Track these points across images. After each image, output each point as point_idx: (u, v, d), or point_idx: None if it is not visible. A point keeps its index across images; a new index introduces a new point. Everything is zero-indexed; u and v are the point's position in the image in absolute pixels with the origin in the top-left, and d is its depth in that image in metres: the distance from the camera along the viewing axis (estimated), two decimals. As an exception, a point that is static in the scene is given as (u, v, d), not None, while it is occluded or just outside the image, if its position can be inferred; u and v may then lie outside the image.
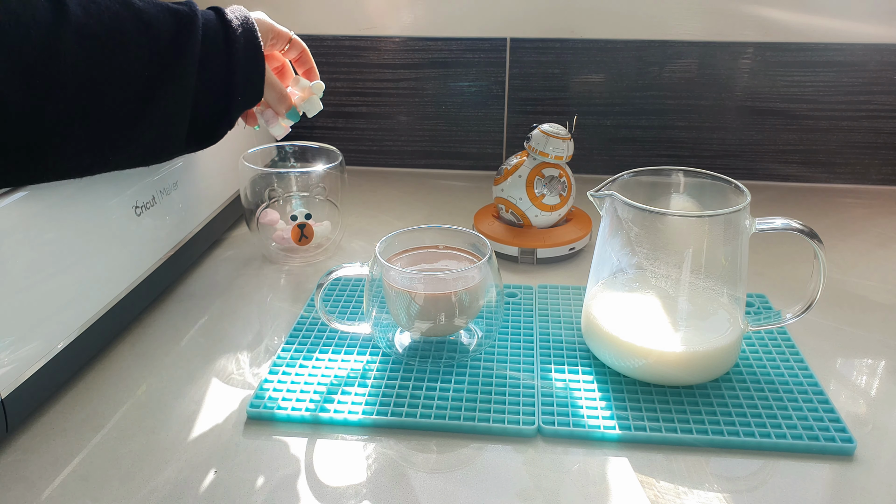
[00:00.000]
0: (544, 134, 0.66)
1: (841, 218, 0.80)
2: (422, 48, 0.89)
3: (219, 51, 0.51)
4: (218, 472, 0.41)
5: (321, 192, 0.67)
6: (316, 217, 0.67)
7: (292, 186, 0.66)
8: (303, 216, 0.66)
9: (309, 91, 0.62)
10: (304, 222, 0.66)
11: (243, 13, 0.54)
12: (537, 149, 0.66)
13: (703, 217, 0.45)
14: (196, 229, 0.65)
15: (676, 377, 0.47)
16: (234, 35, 0.51)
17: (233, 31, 0.51)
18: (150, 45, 0.46)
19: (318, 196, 0.67)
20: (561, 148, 0.66)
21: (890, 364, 0.52)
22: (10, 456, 0.43)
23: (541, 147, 0.66)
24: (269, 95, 0.57)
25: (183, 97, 0.49)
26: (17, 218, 0.43)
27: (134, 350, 0.54)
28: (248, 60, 0.53)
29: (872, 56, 0.82)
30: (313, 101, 0.62)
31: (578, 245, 0.69)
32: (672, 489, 0.40)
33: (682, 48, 0.85)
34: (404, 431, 0.45)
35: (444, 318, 0.49)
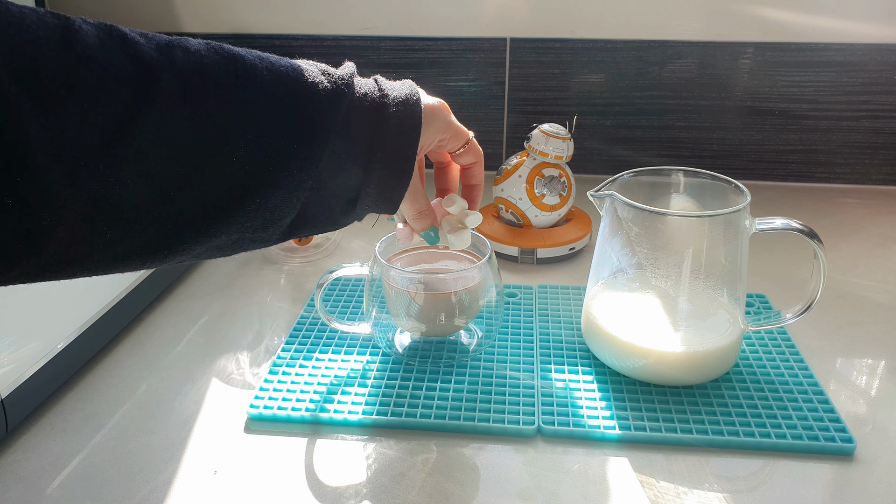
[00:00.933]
0: (544, 134, 0.66)
1: (841, 218, 0.79)
2: (422, 48, 0.89)
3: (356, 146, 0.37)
4: (218, 472, 0.41)
5: None
6: None
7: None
8: None
9: (461, 221, 0.46)
10: None
11: (410, 94, 0.40)
12: (537, 148, 0.66)
13: (703, 217, 0.45)
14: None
15: (676, 377, 0.47)
16: (386, 125, 0.38)
17: (385, 122, 0.38)
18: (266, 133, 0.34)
19: None
20: (561, 148, 0.66)
21: (890, 364, 0.52)
22: (10, 456, 0.43)
23: (541, 147, 0.66)
24: (407, 210, 0.43)
25: (285, 208, 0.37)
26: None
27: (134, 350, 0.54)
28: (391, 163, 0.39)
29: (872, 56, 0.82)
30: (463, 235, 0.46)
31: (578, 245, 0.69)
32: (672, 489, 0.40)
33: (682, 48, 0.85)
34: (404, 431, 0.45)
35: (444, 318, 0.49)
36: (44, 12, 0.29)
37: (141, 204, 0.31)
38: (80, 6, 0.89)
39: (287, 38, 0.89)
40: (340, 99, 0.37)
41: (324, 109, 0.36)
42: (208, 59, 0.33)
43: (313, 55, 0.90)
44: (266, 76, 0.35)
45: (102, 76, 0.29)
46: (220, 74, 0.33)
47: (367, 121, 0.38)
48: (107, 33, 0.30)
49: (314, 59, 0.42)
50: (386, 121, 0.38)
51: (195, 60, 0.32)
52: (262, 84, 0.34)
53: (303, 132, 0.35)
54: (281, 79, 0.35)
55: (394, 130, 0.38)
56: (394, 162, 0.39)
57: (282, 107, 0.35)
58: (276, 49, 0.58)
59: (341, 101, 0.37)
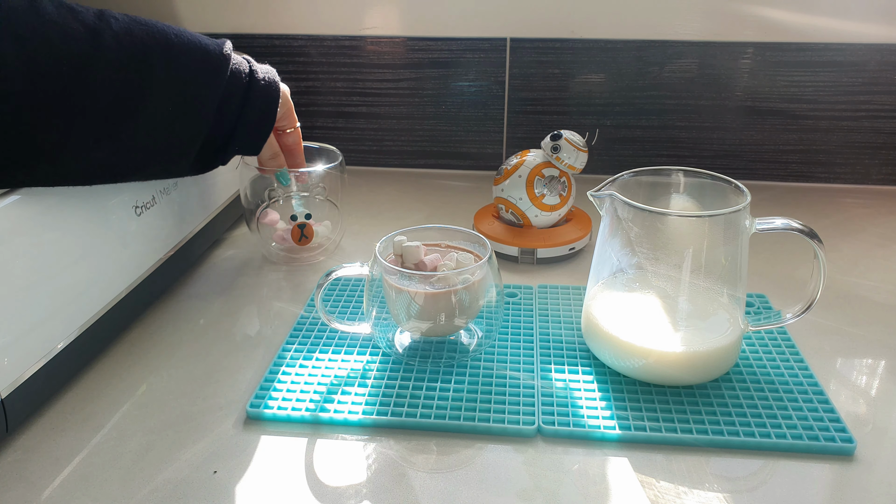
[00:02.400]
0: (574, 147, 0.66)
1: (841, 218, 0.80)
2: (422, 48, 0.89)
3: (236, 101, 0.53)
4: (218, 472, 0.41)
5: (321, 192, 0.67)
6: (316, 217, 0.67)
7: (292, 186, 0.66)
8: (303, 216, 0.66)
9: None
10: (304, 222, 0.66)
11: (273, 77, 0.57)
12: (566, 161, 0.66)
13: (703, 217, 0.45)
14: (196, 229, 0.65)
15: (676, 377, 0.47)
16: (256, 91, 0.54)
17: (256, 90, 0.54)
18: (175, 82, 0.48)
19: (318, 196, 0.67)
20: (583, 161, 0.67)
21: (890, 364, 0.52)
22: (10, 456, 0.43)
23: (570, 160, 0.66)
24: (265, 153, 0.60)
25: (197, 132, 0.51)
26: (17, 218, 0.43)
27: (134, 350, 0.54)
28: (259, 119, 0.55)
29: (872, 56, 0.83)
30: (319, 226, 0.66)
31: (578, 245, 0.69)
32: (672, 489, 0.40)
33: (682, 48, 0.85)
34: (404, 431, 0.45)
35: (444, 317, 0.49)
36: None
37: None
38: (80, 6, 0.90)
39: (287, 38, 0.89)
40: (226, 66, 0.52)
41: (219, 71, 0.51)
42: (133, 26, 0.46)
43: (313, 55, 0.90)
44: (174, 41, 0.48)
45: (60, 34, 0.41)
46: (145, 38, 0.46)
47: (241, 85, 0.54)
48: (58, 3, 0.42)
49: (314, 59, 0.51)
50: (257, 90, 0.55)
51: (124, 27, 0.45)
52: (172, 46, 0.48)
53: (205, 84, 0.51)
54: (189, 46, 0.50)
55: (260, 97, 0.55)
56: (263, 112, 0.55)
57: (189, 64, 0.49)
58: (276, 49, 0.58)
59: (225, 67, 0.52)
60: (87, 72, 0.43)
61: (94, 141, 0.45)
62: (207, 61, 0.50)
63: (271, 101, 0.56)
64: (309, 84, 0.92)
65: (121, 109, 0.45)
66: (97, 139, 0.45)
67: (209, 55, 0.51)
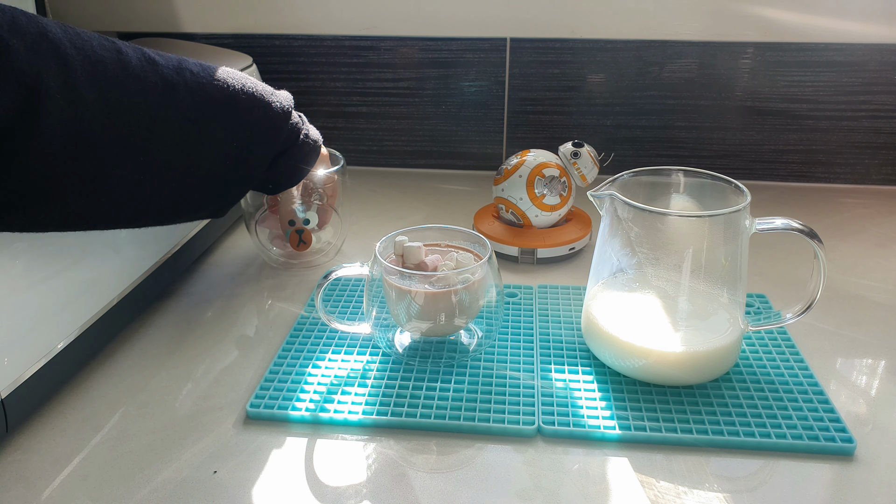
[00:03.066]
0: (591, 158, 0.68)
1: (841, 218, 0.80)
2: (422, 48, 0.89)
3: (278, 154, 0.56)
4: (218, 472, 0.41)
5: (320, 198, 0.66)
6: (314, 223, 0.66)
7: (291, 191, 0.66)
8: (301, 222, 0.65)
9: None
10: (303, 228, 0.65)
11: (318, 139, 0.60)
12: (583, 172, 0.68)
13: (703, 217, 0.45)
14: (196, 229, 0.65)
15: (676, 377, 0.47)
16: (301, 148, 0.57)
17: (301, 147, 0.57)
18: (238, 137, 0.51)
19: (317, 201, 0.66)
20: (594, 175, 0.68)
21: (890, 364, 0.52)
22: (10, 456, 0.43)
23: (586, 171, 0.68)
24: (280, 210, 0.64)
25: (246, 185, 0.55)
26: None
27: (134, 350, 0.54)
28: (289, 173, 0.58)
29: (872, 56, 0.82)
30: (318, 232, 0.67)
31: (578, 245, 0.69)
32: (672, 489, 0.40)
33: (682, 48, 0.85)
34: (404, 431, 0.45)
35: (444, 317, 0.49)
36: (101, 39, 0.43)
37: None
38: (83, 7, 0.89)
39: (287, 38, 0.89)
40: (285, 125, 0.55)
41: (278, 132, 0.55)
42: (207, 81, 0.49)
43: (313, 55, 0.90)
44: (242, 97, 0.51)
45: (141, 88, 0.44)
46: (217, 94, 0.49)
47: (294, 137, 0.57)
48: (140, 55, 0.45)
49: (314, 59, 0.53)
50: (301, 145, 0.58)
51: (199, 81, 0.48)
52: (239, 102, 0.51)
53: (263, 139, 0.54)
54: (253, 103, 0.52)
55: (306, 148, 0.58)
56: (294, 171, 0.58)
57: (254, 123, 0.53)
58: (276, 49, 0.58)
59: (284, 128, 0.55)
60: (160, 125, 0.45)
61: (152, 187, 0.46)
62: (270, 120, 0.53)
63: (312, 155, 0.59)
64: (309, 84, 0.92)
65: (185, 159, 0.48)
66: (155, 186, 0.47)
67: (271, 115, 0.53)
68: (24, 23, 0.38)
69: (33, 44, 0.38)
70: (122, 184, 0.44)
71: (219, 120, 0.50)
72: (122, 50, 0.44)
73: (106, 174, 0.43)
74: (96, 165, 0.42)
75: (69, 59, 0.40)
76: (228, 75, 0.51)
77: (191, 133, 0.48)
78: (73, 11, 0.89)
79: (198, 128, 0.48)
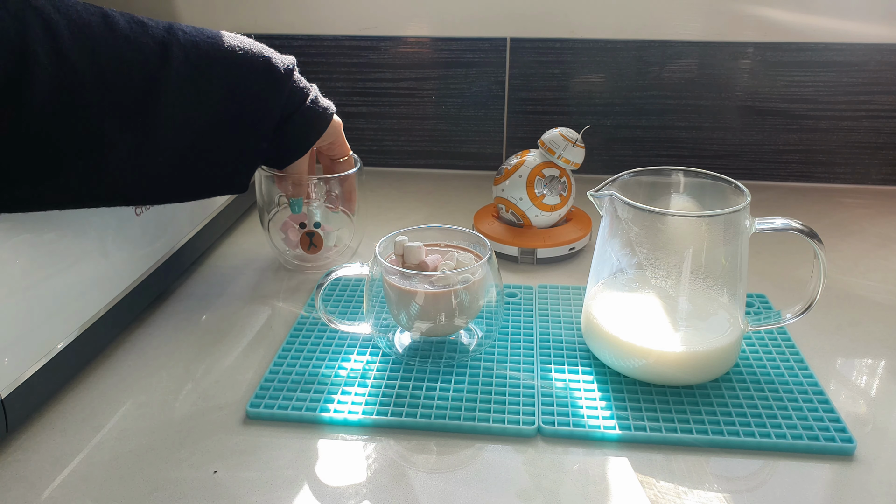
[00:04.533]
0: (564, 139, 0.67)
1: (841, 218, 0.80)
2: (422, 48, 0.89)
3: (287, 114, 0.54)
4: (218, 472, 0.41)
5: (333, 201, 0.65)
6: (327, 224, 0.65)
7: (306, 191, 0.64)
8: (312, 224, 0.64)
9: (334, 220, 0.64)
10: (314, 230, 0.64)
11: (328, 108, 0.57)
12: (557, 152, 0.67)
13: (703, 217, 0.45)
14: (196, 229, 0.65)
15: (676, 377, 0.47)
16: (306, 110, 0.55)
17: (307, 109, 0.55)
18: (237, 95, 0.49)
19: (328, 204, 0.65)
20: (580, 156, 0.67)
21: (890, 364, 0.52)
22: (10, 456, 0.43)
23: (570, 157, 0.67)
24: (288, 180, 0.60)
25: (253, 147, 0.52)
26: (17, 218, 0.43)
27: (134, 350, 0.54)
28: (296, 137, 0.56)
29: (872, 56, 0.83)
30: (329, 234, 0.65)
31: (578, 245, 0.69)
32: (672, 489, 0.40)
33: (682, 48, 0.85)
34: (404, 431, 0.45)
35: (444, 318, 0.49)
36: (85, 4, 0.42)
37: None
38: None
39: (287, 38, 0.89)
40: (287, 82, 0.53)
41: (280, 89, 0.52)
42: (201, 39, 0.48)
43: (313, 55, 0.90)
44: (238, 52, 0.50)
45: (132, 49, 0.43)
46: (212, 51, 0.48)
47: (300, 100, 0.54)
48: (128, 18, 0.44)
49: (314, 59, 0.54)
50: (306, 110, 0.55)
51: (192, 39, 0.47)
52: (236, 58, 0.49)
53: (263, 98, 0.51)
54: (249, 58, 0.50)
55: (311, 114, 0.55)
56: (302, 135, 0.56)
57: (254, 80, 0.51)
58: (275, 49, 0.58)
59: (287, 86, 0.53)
60: (157, 86, 0.44)
61: (152, 154, 0.46)
62: (271, 78, 0.51)
63: (320, 123, 0.56)
64: (309, 84, 0.92)
65: (185, 121, 0.47)
66: (156, 152, 0.46)
67: (272, 73, 0.51)
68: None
69: (17, 11, 0.37)
70: (120, 152, 0.43)
71: (216, 77, 0.48)
72: (109, 13, 0.43)
73: (103, 141, 0.42)
74: (92, 132, 0.41)
75: (54, 24, 0.39)
76: (224, 34, 0.50)
77: (188, 93, 0.46)
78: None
79: (195, 87, 0.47)
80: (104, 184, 0.44)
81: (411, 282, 0.48)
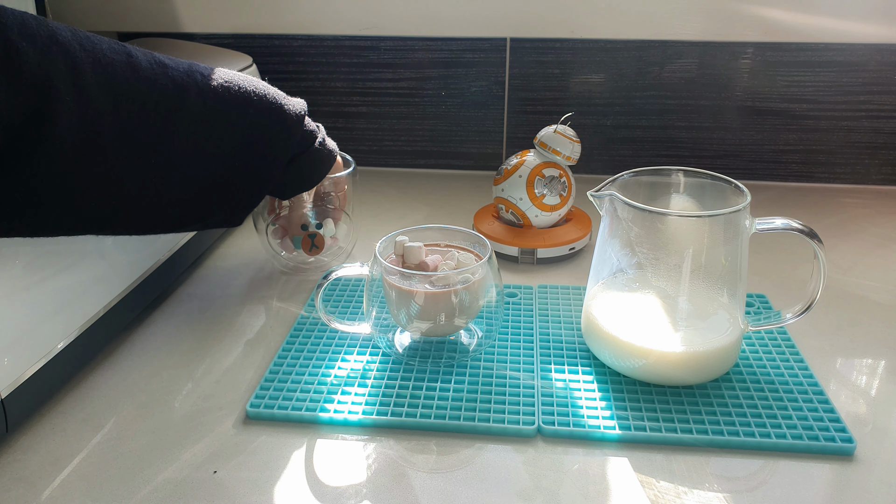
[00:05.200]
0: (565, 138, 0.67)
1: (841, 218, 0.80)
2: (422, 48, 0.89)
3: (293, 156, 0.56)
4: (218, 472, 0.41)
5: (332, 202, 0.65)
6: (326, 227, 0.65)
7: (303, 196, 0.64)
8: (313, 226, 0.64)
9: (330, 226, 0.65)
10: (315, 232, 0.64)
11: (334, 150, 0.60)
12: (563, 153, 0.67)
13: (703, 217, 0.45)
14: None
15: (676, 377, 0.47)
16: (315, 153, 0.57)
17: (315, 152, 0.57)
18: (248, 141, 0.51)
19: (328, 205, 0.65)
20: (577, 151, 0.67)
21: (890, 364, 0.52)
22: (10, 456, 0.43)
23: (567, 152, 0.67)
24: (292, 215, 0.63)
25: (262, 187, 0.54)
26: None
27: (134, 350, 0.54)
28: (302, 177, 0.58)
29: (872, 56, 0.83)
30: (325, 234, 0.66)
31: (578, 245, 0.69)
32: (672, 489, 0.40)
33: (682, 48, 0.85)
34: (404, 431, 0.45)
35: (444, 318, 0.49)
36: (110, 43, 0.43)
37: None
38: (82, 6, 0.89)
39: (287, 38, 0.89)
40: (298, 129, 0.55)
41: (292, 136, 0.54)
42: (218, 84, 0.49)
43: (313, 55, 0.90)
44: (254, 99, 0.51)
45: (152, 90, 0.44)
46: (228, 97, 0.49)
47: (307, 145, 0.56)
48: (150, 59, 0.45)
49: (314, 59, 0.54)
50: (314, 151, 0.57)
51: (209, 84, 0.48)
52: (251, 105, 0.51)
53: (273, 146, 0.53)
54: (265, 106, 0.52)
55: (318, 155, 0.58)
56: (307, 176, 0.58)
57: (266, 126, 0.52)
58: (276, 49, 0.58)
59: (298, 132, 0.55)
60: (171, 126, 0.45)
61: (164, 192, 0.47)
62: (282, 125, 0.53)
63: (326, 163, 0.58)
64: (309, 84, 0.92)
65: (195, 160, 0.48)
66: (168, 190, 0.47)
67: (284, 119, 0.53)
68: (34, 26, 0.38)
69: (43, 47, 0.38)
70: (134, 188, 0.44)
71: (231, 122, 0.49)
72: (132, 53, 0.44)
73: (118, 177, 0.43)
74: (109, 168, 0.42)
75: (79, 61, 0.40)
76: (240, 78, 0.51)
77: (202, 136, 0.48)
78: (73, 11, 0.89)
79: (209, 130, 0.48)
80: (114, 217, 0.45)
81: (411, 282, 0.48)
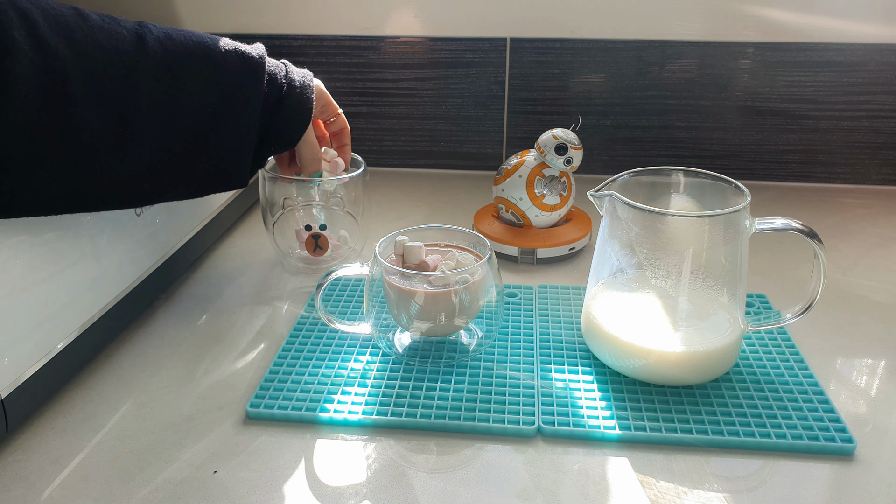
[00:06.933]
0: (576, 150, 0.66)
1: (841, 218, 0.80)
2: (422, 48, 0.89)
3: (274, 99, 0.54)
4: (218, 472, 0.41)
5: (339, 203, 0.64)
6: (332, 228, 0.65)
7: (312, 195, 0.64)
8: (317, 226, 0.64)
9: (334, 164, 0.63)
10: (319, 233, 0.64)
11: (307, 77, 0.57)
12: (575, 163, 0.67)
13: (703, 217, 0.45)
14: (196, 229, 0.65)
15: (676, 377, 0.47)
16: (293, 90, 0.55)
17: (292, 87, 0.55)
18: (217, 85, 0.49)
19: (334, 206, 0.65)
20: (579, 158, 0.67)
21: (890, 364, 0.52)
22: (10, 456, 0.43)
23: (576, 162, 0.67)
24: (304, 152, 0.59)
25: (242, 136, 0.52)
26: (18, 218, 0.43)
27: (134, 350, 0.54)
28: (296, 115, 0.55)
29: (872, 56, 0.83)
30: (336, 169, 0.64)
31: (578, 245, 0.69)
32: (672, 489, 0.40)
33: (682, 48, 0.85)
34: (404, 431, 0.45)
35: (444, 318, 0.49)
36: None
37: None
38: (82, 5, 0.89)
39: (287, 38, 0.89)
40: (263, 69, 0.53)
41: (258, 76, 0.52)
42: (173, 31, 0.48)
43: (313, 55, 0.90)
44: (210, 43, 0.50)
45: (109, 38, 0.44)
46: (186, 42, 0.48)
47: (279, 88, 0.54)
48: (98, 13, 0.45)
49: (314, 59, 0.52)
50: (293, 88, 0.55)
51: (164, 30, 0.48)
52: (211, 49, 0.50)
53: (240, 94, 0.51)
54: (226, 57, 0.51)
55: (297, 93, 0.55)
56: (300, 107, 0.55)
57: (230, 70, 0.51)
58: (275, 49, 0.58)
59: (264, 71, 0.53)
60: (135, 73, 0.44)
61: (139, 147, 0.46)
62: (247, 64, 0.51)
63: (305, 100, 0.56)
64: (309, 84, 0.92)
65: (166, 112, 0.47)
66: (139, 146, 0.46)
67: (247, 59, 0.51)
68: None
69: None
70: (103, 145, 0.43)
71: (194, 68, 0.48)
72: (80, 8, 0.44)
73: (86, 132, 0.42)
74: (76, 123, 0.41)
75: (28, 11, 0.40)
76: (191, 31, 0.50)
77: (167, 83, 0.46)
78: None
79: (173, 77, 0.47)
80: (86, 179, 0.44)
81: (411, 282, 0.48)
